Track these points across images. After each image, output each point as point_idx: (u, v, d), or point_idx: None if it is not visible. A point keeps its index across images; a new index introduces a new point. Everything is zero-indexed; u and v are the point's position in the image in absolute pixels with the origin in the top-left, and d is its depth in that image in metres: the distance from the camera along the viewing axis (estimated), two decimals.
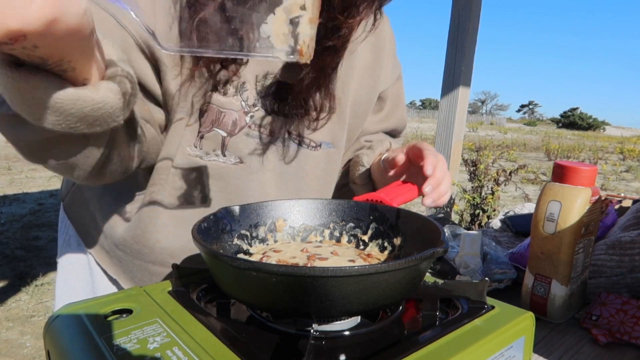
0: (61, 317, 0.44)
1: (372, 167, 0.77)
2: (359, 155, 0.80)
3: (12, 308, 2.53)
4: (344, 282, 0.37)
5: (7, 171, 6.12)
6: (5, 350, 2.13)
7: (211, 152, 0.64)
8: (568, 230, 0.62)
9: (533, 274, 0.68)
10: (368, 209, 0.60)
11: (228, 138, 0.65)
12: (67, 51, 0.33)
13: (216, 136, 0.64)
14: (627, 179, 8.35)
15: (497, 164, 4.08)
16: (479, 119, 45.29)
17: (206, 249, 0.42)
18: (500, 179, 2.81)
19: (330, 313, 0.40)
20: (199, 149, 0.64)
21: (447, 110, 1.96)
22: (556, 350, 0.59)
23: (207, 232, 0.51)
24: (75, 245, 0.76)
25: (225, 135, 0.65)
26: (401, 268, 0.39)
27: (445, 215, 2.11)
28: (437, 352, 0.39)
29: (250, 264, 0.38)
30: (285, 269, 0.38)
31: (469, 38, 1.87)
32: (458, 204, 2.47)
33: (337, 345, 0.41)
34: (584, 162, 0.71)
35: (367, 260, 0.52)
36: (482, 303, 0.48)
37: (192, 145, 0.63)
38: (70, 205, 0.76)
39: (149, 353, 0.38)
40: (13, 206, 4.45)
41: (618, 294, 0.69)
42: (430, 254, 0.40)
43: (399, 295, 0.42)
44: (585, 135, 28.75)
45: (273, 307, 0.43)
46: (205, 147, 0.64)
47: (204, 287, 0.52)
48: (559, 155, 11.31)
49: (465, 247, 0.81)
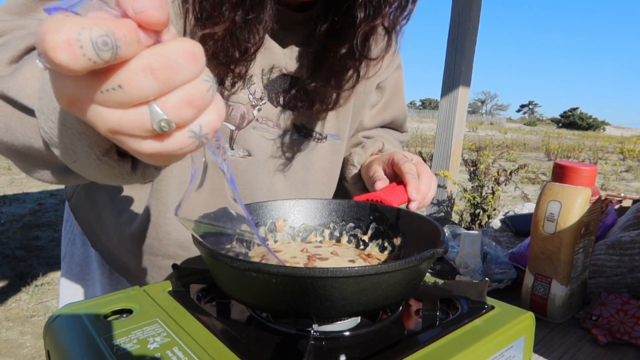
0: (61, 317, 0.44)
1: (362, 168, 0.78)
2: (351, 153, 0.81)
3: (12, 308, 2.53)
4: (344, 282, 0.37)
5: (7, 171, 6.12)
6: (5, 350, 2.13)
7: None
8: (568, 230, 0.62)
9: (533, 274, 0.68)
10: (368, 209, 0.60)
11: (236, 132, 0.65)
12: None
13: (224, 130, 0.64)
14: (627, 179, 8.35)
15: (497, 163, 4.08)
16: (479, 119, 45.30)
17: (206, 249, 0.42)
18: (500, 179, 2.81)
19: (330, 314, 0.40)
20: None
21: (447, 110, 1.96)
22: (556, 350, 0.59)
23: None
24: (80, 244, 0.76)
25: (233, 129, 0.65)
26: (401, 269, 0.39)
27: (445, 215, 2.11)
28: (437, 352, 0.39)
29: (250, 265, 0.38)
30: (285, 269, 0.38)
31: (469, 38, 1.86)
32: (458, 204, 2.47)
33: (337, 346, 0.41)
34: (584, 162, 0.71)
35: (367, 260, 0.52)
36: (482, 303, 0.48)
37: None
38: (77, 206, 0.76)
39: (149, 353, 0.38)
40: (13, 206, 4.45)
41: (618, 294, 0.69)
42: (430, 255, 0.40)
43: (399, 296, 0.42)
44: (585, 135, 28.75)
45: (273, 308, 0.43)
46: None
47: (204, 287, 0.52)
48: (559, 155, 11.31)
49: (465, 247, 0.81)
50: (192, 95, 0.24)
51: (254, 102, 0.65)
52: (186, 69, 0.24)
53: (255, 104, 0.65)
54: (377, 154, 0.78)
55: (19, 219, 4.03)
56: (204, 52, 0.25)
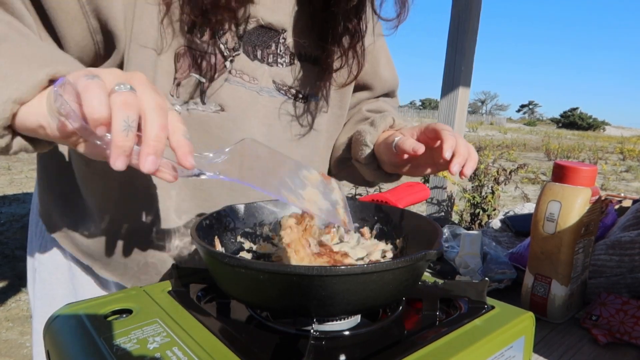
0: (61, 317, 0.44)
1: (377, 147, 0.72)
2: (360, 133, 0.74)
3: (12, 308, 2.53)
4: (329, 281, 0.38)
5: (7, 171, 6.12)
6: (5, 350, 2.13)
7: (189, 101, 0.60)
8: (568, 230, 0.62)
9: (533, 274, 0.68)
10: (373, 210, 0.60)
11: (207, 84, 0.61)
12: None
13: (194, 82, 0.60)
14: (627, 179, 8.35)
15: (497, 163, 4.09)
16: (479, 119, 45.28)
17: (202, 246, 0.42)
18: (500, 179, 2.81)
19: (319, 312, 0.40)
20: (176, 97, 0.59)
21: (447, 110, 1.96)
22: (556, 350, 0.59)
23: (210, 229, 0.51)
24: (55, 252, 0.73)
25: (203, 81, 0.61)
26: (390, 269, 0.39)
27: (445, 215, 2.11)
28: (437, 352, 0.39)
29: (238, 262, 0.39)
30: (272, 267, 0.39)
31: (469, 38, 1.86)
32: (458, 204, 2.47)
33: (337, 345, 0.41)
34: (584, 162, 0.71)
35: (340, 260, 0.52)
36: (482, 303, 0.48)
37: (168, 94, 0.59)
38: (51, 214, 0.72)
39: (148, 353, 0.38)
40: (13, 206, 4.45)
41: (618, 294, 0.69)
42: (422, 256, 0.40)
43: (392, 296, 0.42)
44: (585, 135, 28.75)
45: (265, 305, 0.43)
46: (183, 96, 0.60)
47: (203, 287, 0.52)
48: (559, 155, 11.31)
49: (465, 247, 0.81)
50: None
51: (225, 52, 0.61)
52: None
53: (227, 55, 0.61)
54: (389, 130, 0.73)
55: (19, 219, 4.03)
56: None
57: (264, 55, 0.64)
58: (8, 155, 0.46)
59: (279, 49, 0.65)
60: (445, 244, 0.87)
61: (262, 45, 0.64)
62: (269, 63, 0.65)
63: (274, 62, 0.65)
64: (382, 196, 0.61)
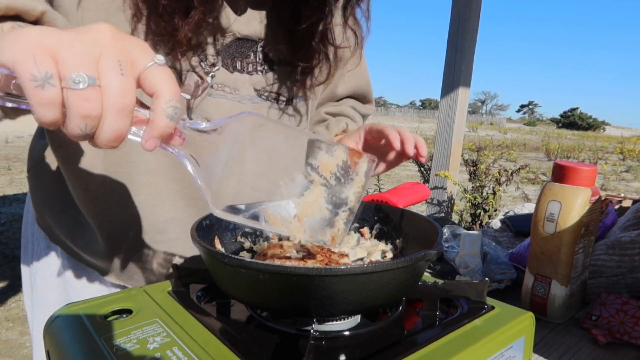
0: (61, 317, 0.44)
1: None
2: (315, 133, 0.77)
3: (12, 308, 2.53)
4: (329, 281, 0.38)
5: (7, 171, 6.12)
6: (5, 350, 2.13)
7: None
8: (568, 230, 0.62)
9: (533, 274, 0.68)
10: (373, 210, 0.60)
11: (192, 100, 0.63)
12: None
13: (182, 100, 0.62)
14: (627, 179, 8.35)
15: (497, 164, 4.09)
16: (479, 119, 45.29)
17: (201, 246, 0.42)
18: (501, 179, 2.81)
19: (319, 312, 0.40)
20: None
21: (447, 111, 1.96)
22: (556, 351, 0.59)
23: (210, 229, 0.52)
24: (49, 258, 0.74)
25: (189, 98, 0.63)
26: (390, 269, 0.39)
27: (445, 215, 2.11)
28: (437, 352, 0.39)
29: (238, 261, 0.39)
30: (272, 267, 0.39)
31: (469, 38, 1.86)
32: (458, 204, 2.47)
33: (337, 345, 0.41)
34: (584, 162, 0.71)
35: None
36: (482, 303, 0.48)
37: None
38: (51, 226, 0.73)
39: (148, 353, 0.38)
40: (13, 206, 4.45)
41: (618, 294, 0.69)
42: (422, 256, 0.40)
43: (391, 297, 0.42)
44: (585, 135, 28.75)
45: (264, 305, 0.43)
46: None
47: (203, 287, 0.52)
48: (559, 155, 11.30)
49: (465, 247, 0.81)
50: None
51: (206, 69, 0.63)
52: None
53: (208, 71, 0.63)
54: (341, 134, 0.77)
55: (19, 219, 4.03)
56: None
57: (243, 66, 0.66)
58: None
59: (257, 57, 0.67)
60: (445, 244, 0.87)
61: (241, 56, 0.66)
62: (249, 72, 0.67)
63: (254, 70, 0.67)
64: (382, 196, 0.61)
